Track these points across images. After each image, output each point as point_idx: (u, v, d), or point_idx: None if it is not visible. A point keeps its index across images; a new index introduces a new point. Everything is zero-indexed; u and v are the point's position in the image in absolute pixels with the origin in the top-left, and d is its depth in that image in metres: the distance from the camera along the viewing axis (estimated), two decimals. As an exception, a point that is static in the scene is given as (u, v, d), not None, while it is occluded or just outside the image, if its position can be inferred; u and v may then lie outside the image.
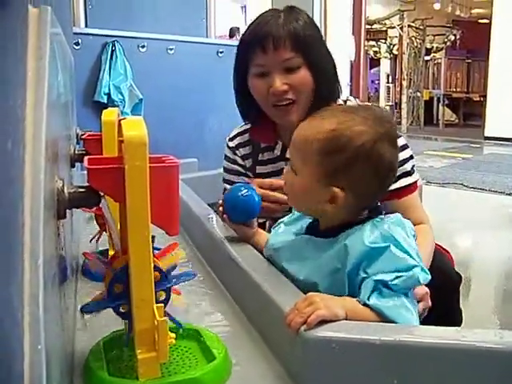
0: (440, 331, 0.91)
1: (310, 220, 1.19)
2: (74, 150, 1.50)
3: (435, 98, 13.30)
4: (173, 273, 0.95)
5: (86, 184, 0.87)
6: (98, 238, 1.43)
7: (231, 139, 1.76)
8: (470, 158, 7.96)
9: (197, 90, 4.39)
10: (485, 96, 10.70)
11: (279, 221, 1.31)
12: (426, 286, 1.08)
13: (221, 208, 1.38)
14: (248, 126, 1.73)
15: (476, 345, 0.84)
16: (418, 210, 1.49)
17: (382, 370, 0.87)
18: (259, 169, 1.69)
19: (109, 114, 1.36)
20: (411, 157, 1.51)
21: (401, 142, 1.41)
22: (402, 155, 1.46)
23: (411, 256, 1.01)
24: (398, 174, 1.35)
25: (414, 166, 1.52)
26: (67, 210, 0.89)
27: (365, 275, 1.00)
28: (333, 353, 0.86)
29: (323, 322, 0.89)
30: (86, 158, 0.91)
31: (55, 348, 0.70)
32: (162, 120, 4.06)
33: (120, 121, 0.87)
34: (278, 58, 1.49)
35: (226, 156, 1.77)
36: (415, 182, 1.50)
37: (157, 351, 0.86)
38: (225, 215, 1.37)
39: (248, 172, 1.72)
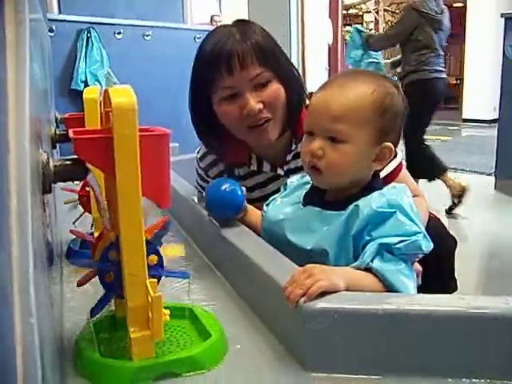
0: (443, 299, 0.88)
1: (306, 190, 1.20)
2: (55, 132, 1.46)
3: (412, 82, 13.36)
4: (169, 268, 0.92)
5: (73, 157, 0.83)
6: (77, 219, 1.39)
7: (201, 158, 1.64)
8: (449, 140, 8.00)
9: (174, 75, 4.33)
10: (461, 79, 10.75)
11: (272, 197, 1.29)
12: None
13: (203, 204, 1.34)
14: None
15: (483, 311, 0.82)
16: (411, 185, 1.48)
17: (384, 340, 0.84)
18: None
19: (90, 92, 1.32)
20: None
21: None
22: None
23: (416, 224, 1.02)
24: None
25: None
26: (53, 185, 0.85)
27: (369, 238, 1.02)
28: (334, 324, 0.84)
29: (323, 293, 0.86)
30: (70, 130, 0.88)
31: (46, 327, 0.66)
32: (140, 106, 3.98)
33: (106, 91, 0.84)
34: (247, 76, 1.39)
35: (197, 172, 1.68)
36: (400, 162, 1.49)
37: (151, 329, 0.82)
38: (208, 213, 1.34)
39: None
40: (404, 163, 1.53)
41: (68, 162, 0.84)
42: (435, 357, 0.84)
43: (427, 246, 1.02)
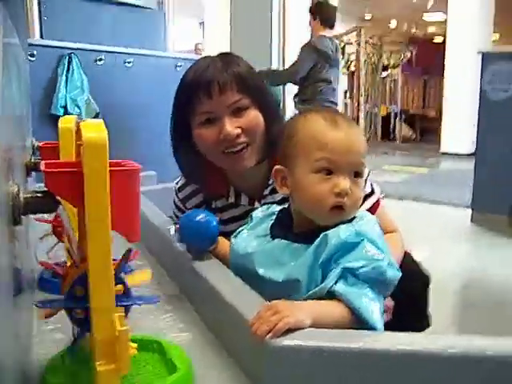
0: (407, 337, 0.89)
1: (272, 221, 1.23)
2: (30, 159, 1.46)
3: (392, 114, 13.48)
4: (136, 294, 0.92)
5: (43, 189, 0.84)
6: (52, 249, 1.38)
7: (180, 189, 1.65)
8: (427, 173, 8.07)
9: (154, 103, 4.35)
10: (440, 112, 10.88)
11: (239, 229, 1.30)
12: (397, 287, 1.09)
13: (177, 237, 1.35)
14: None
15: (444, 351, 0.83)
16: (388, 221, 1.52)
17: (349, 377, 0.85)
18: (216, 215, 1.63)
19: (66, 121, 1.32)
20: (368, 175, 1.50)
21: None
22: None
23: (382, 251, 1.05)
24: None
25: (372, 184, 1.52)
26: (23, 217, 0.86)
27: (335, 266, 1.03)
28: (300, 361, 0.84)
29: (288, 330, 0.87)
30: (42, 162, 0.88)
31: (7, 358, 0.66)
32: (119, 134, 4.01)
33: (79, 124, 0.84)
34: (226, 101, 1.41)
35: (175, 202, 1.68)
36: (378, 199, 1.51)
37: (117, 363, 0.82)
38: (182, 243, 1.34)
39: None
40: (381, 196, 1.54)
41: (38, 195, 0.84)
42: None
43: (393, 273, 1.04)
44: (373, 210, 1.46)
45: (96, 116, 4.09)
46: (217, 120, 1.43)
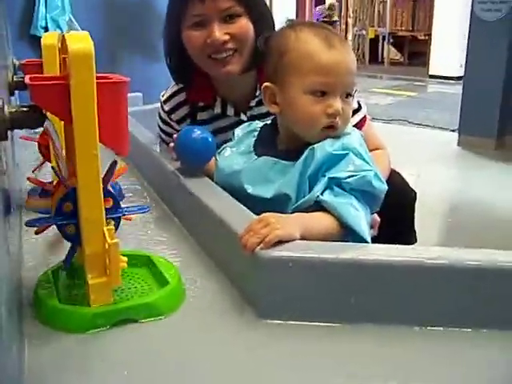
0: (396, 249, 0.90)
1: (254, 138, 1.23)
2: (12, 78, 1.43)
3: (380, 37, 13.27)
4: (127, 204, 0.92)
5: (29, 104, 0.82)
6: (38, 168, 1.38)
7: (166, 101, 1.63)
8: (415, 96, 8.03)
9: (137, 21, 4.24)
10: (429, 35, 10.72)
11: (223, 146, 1.30)
12: (384, 202, 1.10)
13: (173, 154, 1.33)
14: (182, 85, 1.62)
15: (431, 261, 0.84)
16: (374, 138, 1.52)
17: (338, 288, 0.86)
18: None
19: (49, 38, 1.29)
20: (356, 91, 1.48)
21: None
22: None
23: (368, 163, 1.06)
24: None
25: (358, 101, 1.52)
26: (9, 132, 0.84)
27: (322, 178, 1.04)
28: (289, 272, 0.85)
29: (279, 242, 0.88)
30: (27, 76, 0.86)
31: (1, 270, 0.66)
32: (103, 54, 3.93)
33: (63, 38, 0.82)
34: (217, 6, 1.40)
35: (160, 116, 1.66)
36: (364, 115, 1.51)
37: (108, 276, 0.83)
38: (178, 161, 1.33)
39: None
40: (368, 117, 1.54)
41: (24, 109, 0.83)
42: (388, 305, 0.87)
43: (379, 185, 1.05)
44: (360, 125, 1.47)
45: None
46: (206, 24, 1.42)
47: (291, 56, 1.12)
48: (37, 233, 0.91)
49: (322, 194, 1.02)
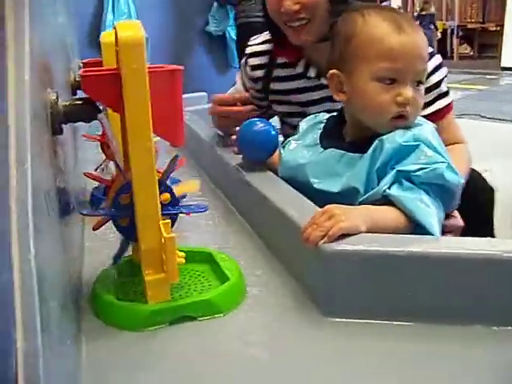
0: (469, 242, 0.84)
1: (320, 130, 1.18)
2: (75, 79, 1.44)
3: (449, 30, 12.95)
4: (184, 202, 0.89)
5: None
6: (101, 167, 1.37)
7: (251, 45, 1.64)
8: (487, 89, 7.78)
9: (203, 23, 4.28)
10: (502, 25, 10.39)
11: (286, 140, 1.26)
12: (461, 201, 1.04)
13: (235, 149, 1.31)
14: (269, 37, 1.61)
15: (509, 255, 0.78)
16: (457, 129, 1.44)
17: (407, 284, 0.81)
18: (274, 85, 1.59)
19: (108, 36, 1.28)
20: (445, 76, 1.43)
21: (436, 61, 1.38)
22: (437, 76, 1.39)
23: (441, 154, 0.99)
24: (434, 95, 1.37)
25: (448, 86, 1.44)
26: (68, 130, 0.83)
27: (391, 171, 0.99)
28: (354, 266, 0.81)
29: (344, 235, 0.83)
30: (82, 69, 0.85)
31: (54, 266, 0.64)
32: (170, 58, 3.97)
33: (115, 27, 0.80)
34: None
35: (240, 63, 1.70)
36: (451, 102, 1.44)
37: (165, 272, 0.81)
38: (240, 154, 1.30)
39: (257, 84, 1.62)
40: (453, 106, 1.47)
41: (78, 102, 0.82)
42: (462, 303, 0.81)
43: (452, 176, 0.98)
44: (446, 111, 1.40)
45: (145, 42, 4.02)
46: None
47: (358, 41, 1.06)
48: (94, 229, 0.90)
49: (389, 187, 0.97)
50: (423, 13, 11.73)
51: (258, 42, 1.63)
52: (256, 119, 1.28)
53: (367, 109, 1.06)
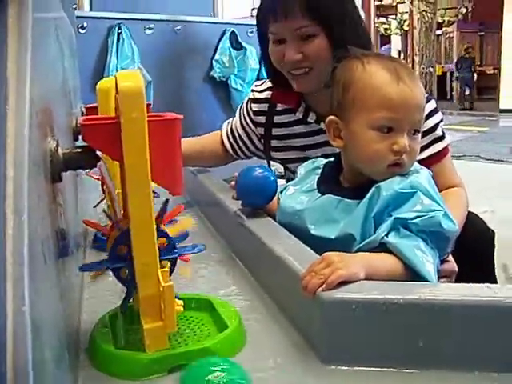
0: (469, 288, 0.84)
1: (318, 176, 1.18)
2: (76, 124, 1.46)
3: (448, 73, 13.11)
4: (180, 244, 0.89)
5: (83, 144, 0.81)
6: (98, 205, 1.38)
7: (254, 91, 1.69)
8: (486, 131, 7.84)
9: (204, 68, 4.33)
10: (498, 69, 10.51)
11: (285, 185, 1.27)
12: (461, 245, 1.03)
13: (234, 194, 1.31)
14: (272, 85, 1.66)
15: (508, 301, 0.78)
16: (453, 173, 1.45)
17: (406, 331, 0.80)
18: (276, 131, 1.62)
19: (105, 83, 1.31)
20: (441, 120, 1.45)
21: (431, 105, 1.41)
22: (433, 120, 1.41)
23: (437, 203, 1.00)
24: (430, 139, 1.39)
25: (443, 130, 1.46)
26: (64, 174, 0.84)
27: (388, 218, 0.99)
28: (353, 315, 0.80)
29: (342, 282, 0.83)
30: (81, 117, 0.86)
31: (50, 316, 0.64)
32: (172, 102, 4.01)
33: (115, 76, 0.81)
34: (290, 26, 1.41)
35: (243, 103, 1.74)
36: (447, 145, 1.45)
37: (163, 320, 0.80)
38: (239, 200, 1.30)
39: (259, 129, 1.66)
40: (450, 149, 1.48)
41: (78, 150, 0.82)
42: (460, 349, 0.80)
43: (448, 225, 0.98)
44: (443, 154, 1.42)
45: (148, 85, 4.08)
46: (283, 41, 1.45)
47: (357, 89, 1.07)
48: (92, 277, 0.89)
49: (387, 235, 0.97)
50: (466, 56, 11.96)
51: (260, 89, 1.67)
52: (255, 165, 1.28)
53: (363, 156, 1.07)
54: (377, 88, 1.04)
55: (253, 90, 1.69)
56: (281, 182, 1.31)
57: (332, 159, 1.21)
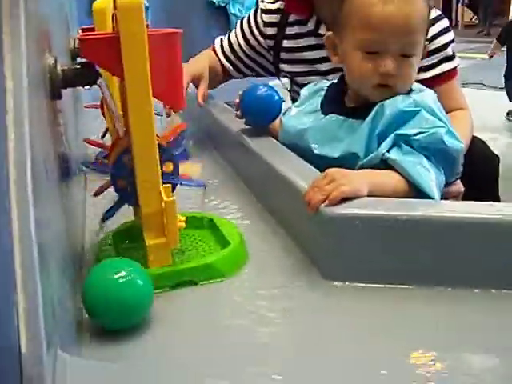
0: (472, 206, 0.84)
1: (321, 97, 1.16)
2: (74, 46, 1.43)
3: (454, -2, 12.80)
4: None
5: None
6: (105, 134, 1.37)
7: (266, 1, 1.62)
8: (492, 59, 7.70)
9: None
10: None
11: (288, 107, 1.25)
12: (466, 167, 1.04)
13: (238, 112, 1.29)
14: None
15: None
16: (459, 96, 1.43)
17: (408, 248, 0.81)
18: (286, 43, 1.58)
19: (100, 3, 1.27)
20: (453, 40, 1.42)
21: (443, 24, 1.38)
22: (444, 39, 1.38)
23: (441, 120, 0.98)
24: (439, 58, 1.36)
25: (453, 51, 1.43)
26: (64, 95, 0.83)
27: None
28: (356, 231, 0.80)
29: (345, 198, 0.82)
30: (79, 33, 0.84)
31: (51, 229, 0.64)
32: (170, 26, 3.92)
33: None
34: None
35: (249, 15, 1.67)
36: (456, 67, 1.43)
37: (166, 236, 0.81)
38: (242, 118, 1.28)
39: (268, 41, 1.62)
40: (458, 71, 1.45)
41: (77, 66, 0.81)
42: (462, 266, 0.80)
43: (452, 142, 0.97)
44: (449, 75, 1.40)
45: (146, 10, 3.97)
46: None
47: (348, 8, 1.04)
48: (95, 194, 0.90)
49: (389, 151, 0.97)
50: None
51: (271, 0, 1.62)
52: (259, 84, 1.27)
53: (352, 75, 1.07)
54: (362, 8, 1.01)
55: (262, 1, 1.63)
56: (284, 107, 1.30)
57: (335, 81, 1.19)
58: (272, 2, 1.61)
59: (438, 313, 0.76)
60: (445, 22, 1.38)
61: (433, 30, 1.33)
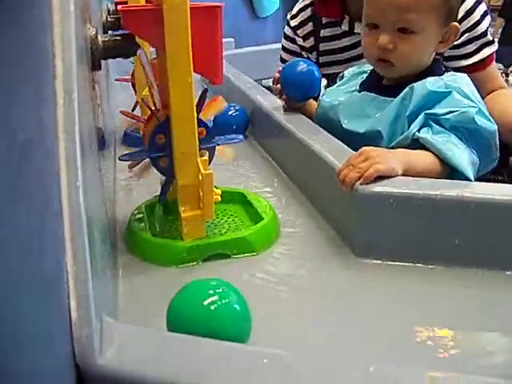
0: (505, 188, 0.84)
1: (362, 79, 1.18)
2: (107, 19, 1.43)
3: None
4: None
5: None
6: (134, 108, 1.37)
7: (293, 17, 1.61)
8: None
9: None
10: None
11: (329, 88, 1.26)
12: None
13: (278, 85, 1.29)
14: (310, 0, 1.59)
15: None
16: (498, 78, 1.43)
17: (442, 228, 0.81)
18: (323, 46, 1.57)
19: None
20: (490, 24, 1.41)
21: (482, 8, 1.36)
22: (484, 24, 1.37)
23: (473, 101, 0.98)
24: (479, 44, 1.36)
25: (493, 35, 1.43)
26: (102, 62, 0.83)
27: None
28: (390, 209, 0.80)
29: (379, 177, 0.83)
30: (120, 5, 0.84)
31: (94, 198, 0.65)
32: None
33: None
34: None
35: (285, 34, 1.65)
36: (493, 52, 1.42)
37: (201, 209, 0.81)
38: (283, 96, 1.27)
39: (308, 53, 1.60)
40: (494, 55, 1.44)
41: (117, 38, 0.81)
42: (495, 248, 0.80)
43: (484, 122, 0.96)
44: (489, 60, 1.39)
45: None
46: None
47: None
48: (130, 167, 0.90)
49: (419, 131, 0.97)
50: None
51: (297, 10, 1.61)
52: (300, 60, 1.27)
53: (362, 51, 1.13)
54: None
55: (290, 18, 1.62)
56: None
57: None
58: (296, 15, 1.61)
59: (470, 294, 0.76)
60: (483, 6, 1.37)
61: (474, 17, 1.33)
